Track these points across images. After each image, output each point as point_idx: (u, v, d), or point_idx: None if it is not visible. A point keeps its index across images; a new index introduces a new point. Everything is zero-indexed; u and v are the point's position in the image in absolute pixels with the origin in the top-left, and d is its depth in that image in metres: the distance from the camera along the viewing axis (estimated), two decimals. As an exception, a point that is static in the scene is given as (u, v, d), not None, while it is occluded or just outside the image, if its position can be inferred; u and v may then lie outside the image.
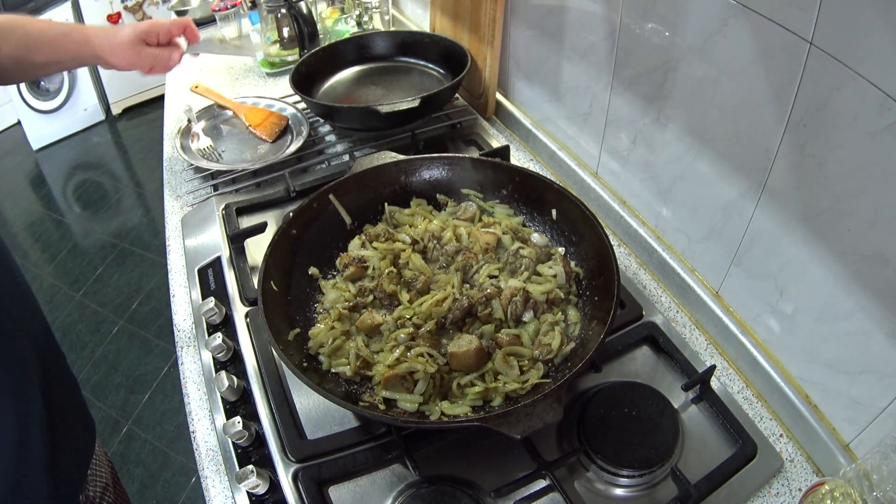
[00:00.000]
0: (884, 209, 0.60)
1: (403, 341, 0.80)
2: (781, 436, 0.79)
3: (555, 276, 0.86)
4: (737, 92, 0.75)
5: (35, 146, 3.72)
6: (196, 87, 1.44)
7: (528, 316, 0.83)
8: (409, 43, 1.47)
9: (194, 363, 0.92)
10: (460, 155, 1.06)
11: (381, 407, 0.75)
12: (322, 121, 1.38)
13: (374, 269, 0.90)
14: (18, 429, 0.70)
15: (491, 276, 0.88)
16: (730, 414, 0.78)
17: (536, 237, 0.93)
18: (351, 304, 0.86)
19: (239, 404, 0.83)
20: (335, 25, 1.72)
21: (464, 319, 0.82)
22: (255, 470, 0.72)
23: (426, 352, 0.78)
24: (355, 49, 1.47)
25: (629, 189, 1.06)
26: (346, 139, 1.34)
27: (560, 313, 0.84)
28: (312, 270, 0.93)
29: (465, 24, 1.35)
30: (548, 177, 0.97)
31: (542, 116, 1.27)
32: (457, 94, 1.45)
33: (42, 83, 3.66)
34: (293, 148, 1.27)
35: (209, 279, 1.02)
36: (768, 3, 0.66)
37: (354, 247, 0.95)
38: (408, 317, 0.82)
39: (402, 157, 1.03)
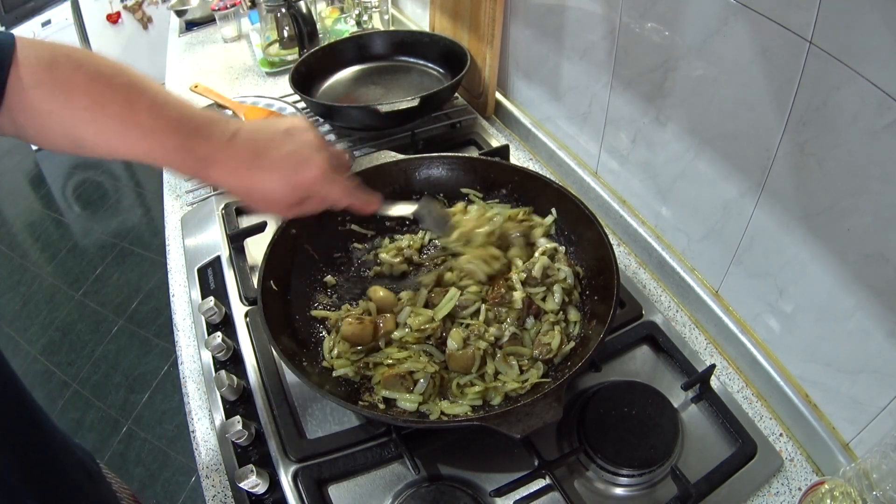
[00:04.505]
0: (884, 209, 0.60)
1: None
2: (781, 435, 0.79)
3: (564, 278, 0.86)
4: (736, 91, 0.75)
5: (35, 146, 3.72)
6: (196, 86, 1.44)
7: (529, 322, 0.83)
8: (409, 42, 1.47)
9: (194, 363, 0.92)
10: (460, 154, 1.06)
11: (381, 407, 0.75)
12: (322, 120, 1.38)
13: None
14: None
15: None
16: (729, 413, 0.78)
17: (543, 241, 0.92)
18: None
19: (239, 404, 0.83)
20: (335, 25, 1.72)
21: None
22: (254, 469, 0.72)
23: (425, 350, 0.79)
24: (355, 48, 1.47)
25: (629, 188, 1.06)
26: (345, 138, 1.34)
27: (560, 313, 0.84)
28: (330, 278, 0.94)
29: (465, 23, 1.35)
30: (547, 176, 0.97)
31: (542, 116, 1.27)
32: (456, 94, 1.45)
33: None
34: (293, 147, 1.27)
35: (209, 279, 1.02)
36: (768, 3, 0.66)
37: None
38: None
39: (401, 156, 1.03)
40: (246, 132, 0.59)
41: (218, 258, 1.04)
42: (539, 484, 0.72)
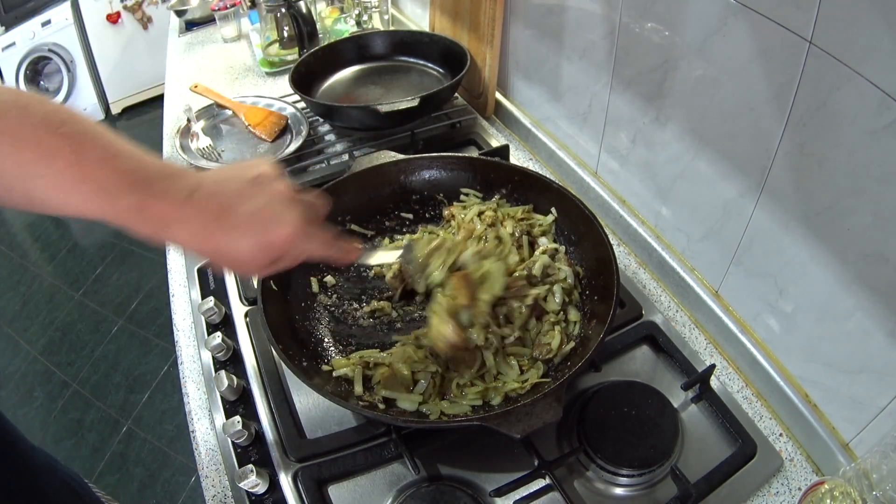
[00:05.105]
0: (884, 209, 0.60)
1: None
2: (781, 435, 0.79)
3: (565, 278, 0.86)
4: (736, 91, 0.75)
5: None
6: (195, 86, 1.44)
7: (530, 323, 0.83)
8: (409, 42, 1.47)
9: (194, 363, 0.92)
10: (460, 154, 1.06)
11: (381, 406, 0.75)
12: (321, 120, 1.38)
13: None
14: None
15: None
16: (729, 413, 0.78)
17: (543, 240, 0.93)
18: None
19: (238, 404, 0.83)
20: (334, 25, 1.72)
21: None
22: (254, 469, 0.72)
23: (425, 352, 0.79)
24: (355, 48, 1.47)
25: (629, 188, 1.06)
26: (345, 138, 1.34)
27: (560, 313, 0.84)
28: (330, 278, 0.93)
29: (465, 23, 1.35)
30: (547, 176, 0.97)
31: (542, 116, 1.27)
32: (456, 94, 1.45)
33: (41, 83, 3.65)
34: (292, 147, 1.27)
35: (209, 278, 1.02)
36: (768, 3, 0.66)
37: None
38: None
39: (401, 156, 1.03)
40: (208, 185, 0.53)
41: (218, 258, 1.04)
42: (539, 484, 0.72)
